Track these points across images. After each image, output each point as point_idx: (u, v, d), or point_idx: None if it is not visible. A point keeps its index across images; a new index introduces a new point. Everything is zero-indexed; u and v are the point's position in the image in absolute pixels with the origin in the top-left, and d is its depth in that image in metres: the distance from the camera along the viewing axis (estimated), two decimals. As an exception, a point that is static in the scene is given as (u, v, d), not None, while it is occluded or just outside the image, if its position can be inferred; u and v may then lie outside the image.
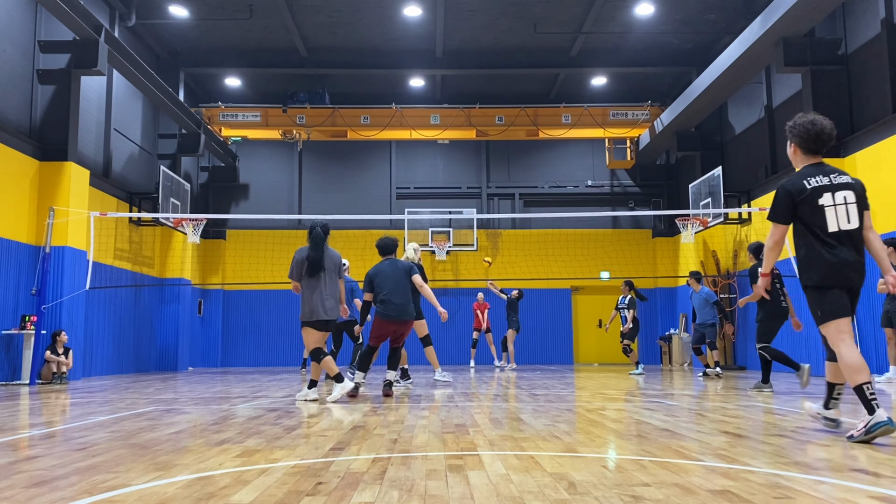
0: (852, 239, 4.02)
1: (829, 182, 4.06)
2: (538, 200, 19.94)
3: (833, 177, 4.08)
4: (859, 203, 4.05)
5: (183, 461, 3.43)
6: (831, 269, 3.99)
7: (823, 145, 4.17)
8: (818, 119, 4.14)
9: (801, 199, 4.06)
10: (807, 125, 4.14)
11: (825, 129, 4.13)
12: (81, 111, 12.92)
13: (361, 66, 17.45)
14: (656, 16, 15.22)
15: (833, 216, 4.02)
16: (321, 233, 7.03)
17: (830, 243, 4.01)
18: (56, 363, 10.89)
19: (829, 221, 4.02)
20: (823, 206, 4.02)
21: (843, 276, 4.00)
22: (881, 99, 11.21)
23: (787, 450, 3.64)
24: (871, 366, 11.09)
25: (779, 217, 4.15)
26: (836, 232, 4.01)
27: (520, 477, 2.97)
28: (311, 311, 6.92)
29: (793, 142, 4.27)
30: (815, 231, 4.06)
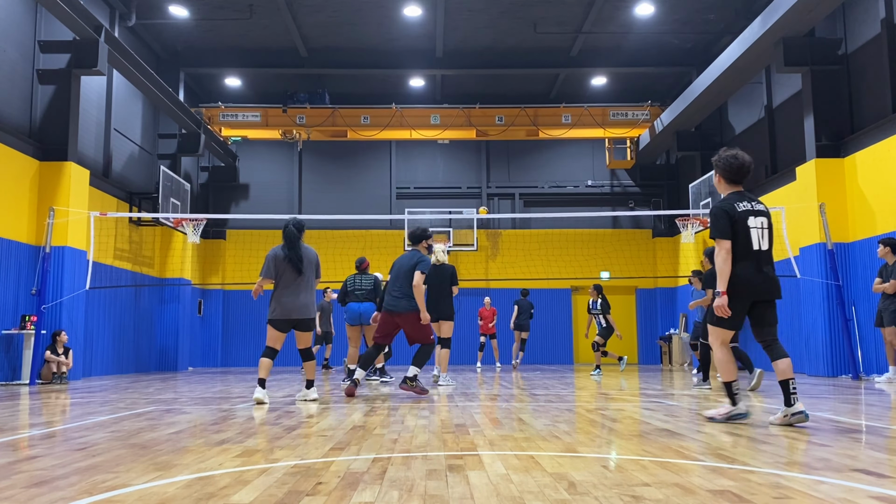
0: (767, 258, 4.63)
1: (751, 207, 4.67)
2: (538, 200, 19.94)
3: (753, 204, 4.70)
4: (770, 229, 4.68)
5: (183, 461, 3.43)
6: (749, 284, 4.56)
7: (744, 176, 4.80)
8: (740, 154, 4.78)
9: (736, 220, 4.61)
10: (730, 159, 4.77)
11: (745, 163, 4.77)
12: (81, 111, 12.93)
13: (361, 66, 17.45)
14: (656, 16, 15.23)
15: (756, 237, 4.60)
16: (294, 230, 6.80)
17: (753, 261, 4.58)
18: (56, 363, 10.89)
19: (753, 241, 4.59)
20: (750, 228, 4.60)
21: (759, 290, 4.58)
22: (881, 99, 11.21)
23: (787, 450, 3.64)
24: (870, 366, 11.10)
25: (724, 234, 4.60)
26: (757, 251, 4.59)
27: (520, 477, 2.97)
28: (282, 310, 6.67)
29: (718, 172, 4.89)
30: (740, 249, 4.59)
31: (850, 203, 11.78)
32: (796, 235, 12.47)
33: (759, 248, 4.58)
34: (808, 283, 11.95)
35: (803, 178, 12.34)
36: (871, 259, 11.25)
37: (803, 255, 12.27)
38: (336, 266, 18.20)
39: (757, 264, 4.57)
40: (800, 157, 12.79)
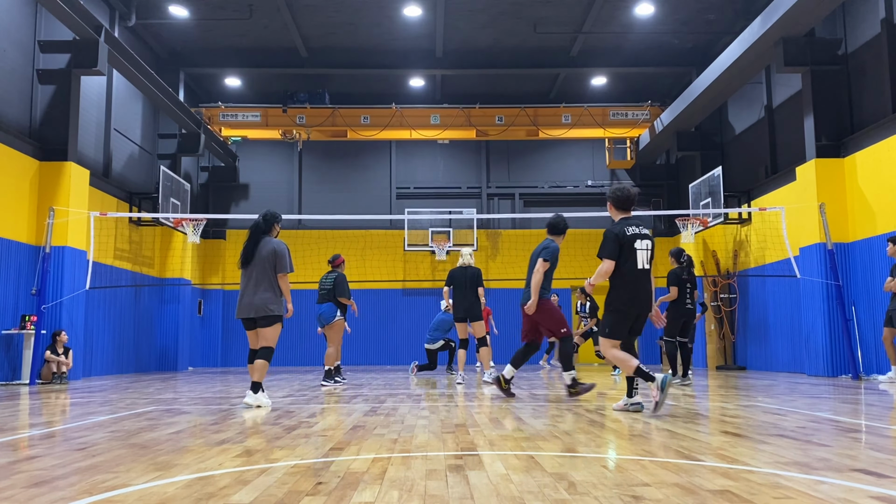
0: (647, 277, 5.43)
1: (638, 232, 5.44)
2: (538, 200, 19.94)
3: (640, 229, 5.48)
4: (651, 251, 5.47)
5: (183, 461, 3.43)
6: (634, 299, 5.37)
7: (630, 205, 5.60)
8: (626, 187, 5.63)
9: (624, 242, 5.37)
10: (618, 192, 5.59)
11: (630, 195, 5.59)
12: (81, 111, 12.92)
13: (361, 66, 17.45)
14: (656, 16, 15.23)
15: (641, 258, 5.37)
16: (260, 222, 6.66)
17: (638, 279, 5.36)
18: (56, 363, 10.89)
19: (638, 262, 5.36)
20: (636, 249, 5.37)
21: (643, 304, 5.41)
22: (881, 99, 11.21)
23: (787, 450, 3.64)
24: (870, 366, 11.10)
25: (611, 255, 5.38)
26: (641, 269, 5.38)
27: (520, 477, 2.97)
28: (238, 309, 6.57)
29: (610, 202, 5.68)
30: (628, 268, 5.35)
31: (850, 203, 11.78)
32: (796, 235, 12.47)
33: (643, 267, 5.37)
34: (808, 283, 11.95)
35: (803, 178, 12.34)
36: (870, 259, 11.25)
37: (803, 255, 12.27)
38: (336, 266, 18.20)
39: (642, 282, 5.37)
40: (800, 157, 12.79)
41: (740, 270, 15.60)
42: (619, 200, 5.57)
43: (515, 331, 16.02)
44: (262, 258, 6.51)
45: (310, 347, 18.55)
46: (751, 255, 15.09)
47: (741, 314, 15.69)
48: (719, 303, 16.19)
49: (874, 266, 11.13)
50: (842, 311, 11.27)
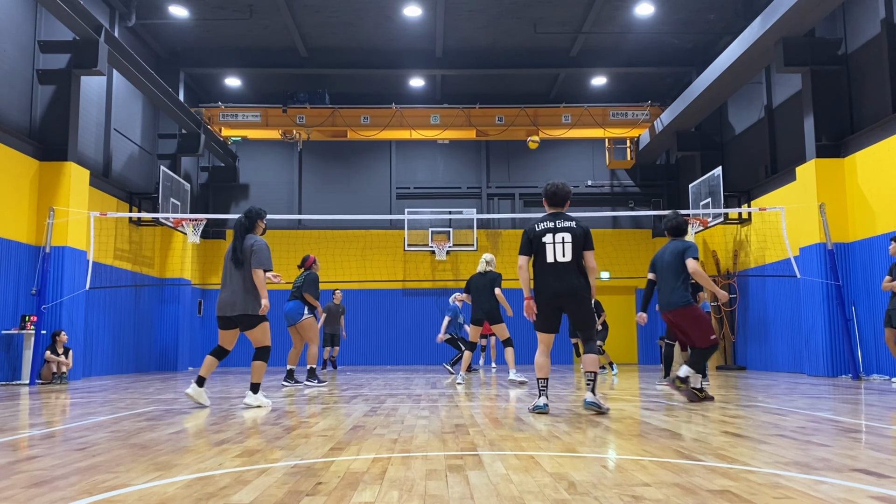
0: (566, 269, 5.38)
1: (553, 226, 5.46)
2: (538, 200, 19.92)
3: (558, 222, 5.48)
4: (575, 242, 5.39)
5: (183, 461, 3.43)
6: (547, 290, 5.40)
7: (555, 200, 5.63)
8: (553, 184, 5.67)
9: (533, 238, 5.50)
10: (547, 188, 5.68)
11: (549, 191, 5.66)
12: (81, 111, 12.93)
13: (361, 66, 17.45)
14: (656, 16, 15.23)
15: (552, 251, 5.40)
16: (242, 220, 6.51)
17: (547, 272, 5.41)
18: (56, 363, 10.89)
19: (547, 254, 5.40)
20: (545, 244, 5.43)
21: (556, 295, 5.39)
22: (881, 99, 11.21)
23: (787, 450, 3.64)
24: (870, 365, 11.09)
25: (521, 251, 5.56)
26: (552, 263, 5.39)
27: (520, 477, 2.97)
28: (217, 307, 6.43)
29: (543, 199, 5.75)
30: (538, 261, 5.47)
31: (850, 203, 11.78)
32: (796, 235, 12.47)
33: (554, 260, 5.38)
34: (808, 283, 11.95)
35: (803, 178, 12.34)
36: (870, 259, 11.25)
37: (803, 255, 12.27)
38: (336, 266, 18.20)
39: (555, 274, 5.38)
40: (800, 157, 12.79)
41: (740, 270, 15.60)
42: (546, 196, 5.69)
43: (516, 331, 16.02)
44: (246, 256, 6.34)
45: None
46: (751, 255, 15.09)
47: (741, 314, 15.68)
48: (719, 303, 16.19)
49: (874, 266, 11.13)
50: (842, 311, 11.27)
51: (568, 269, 5.37)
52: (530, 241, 5.51)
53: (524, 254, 5.52)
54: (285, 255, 18.12)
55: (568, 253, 5.37)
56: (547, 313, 5.46)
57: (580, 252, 5.42)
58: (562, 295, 5.38)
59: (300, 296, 9.37)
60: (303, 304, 9.30)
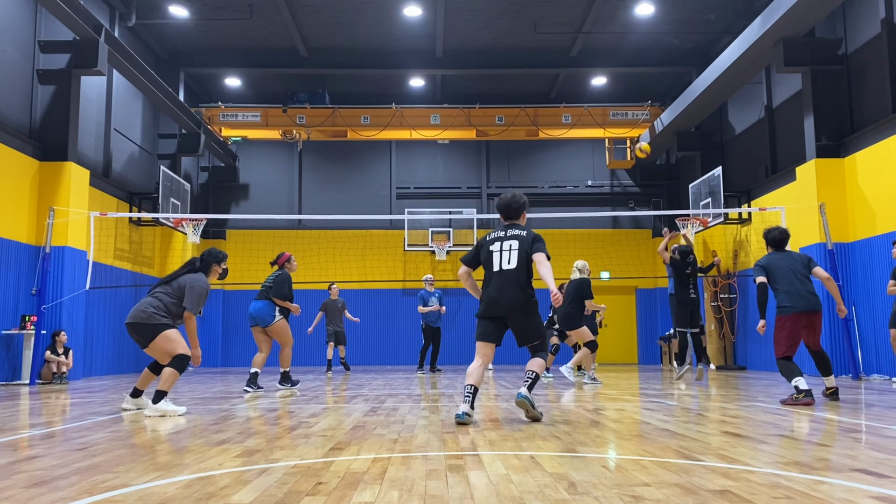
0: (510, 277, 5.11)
1: (503, 234, 5.28)
2: (538, 200, 19.91)
3: (508, 231, 5.29)
4: (521, 250, 5.14)
5: (183, 461, 3.43)
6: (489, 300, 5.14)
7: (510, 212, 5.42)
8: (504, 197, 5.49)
9: (481, 247, 5.33)
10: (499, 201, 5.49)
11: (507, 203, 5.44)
12: (81, 111, 12.93)
13: (361, 66, 17.44)
14: (656, 16, 15.22)
15: (498, 259, 5.17)
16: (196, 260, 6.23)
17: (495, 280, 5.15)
18: (56, 363, 10.89)
19: (494, 264, 5.18)
20: (491, 252, 5.22)
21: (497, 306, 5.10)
22: (881, 99, 11.21)
23: (787, 450, 3.64)
24: (869, 366, 11.09)
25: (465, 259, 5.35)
26: (498, 271, 5.14)
27: (520, 477, 2.97)
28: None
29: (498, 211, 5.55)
30: (487, 271, 5.24)
31: (850, 203, 11.78)
32: (796, 235, 12.46)
33: (500, 268, 5.15)
34: (808, 283, 11.94)
35: (803, 178, 12.34)
36: (870, 259, 11.25)
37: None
38: (336, 266, 18.20)
39: (499, 283, 5.12)
40: (800, 157, 12.79)
41: (740, 270, 15.60)
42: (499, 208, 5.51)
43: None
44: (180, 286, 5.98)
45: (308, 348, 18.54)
46: (751, 255, 15.09)
47: (741, 314, 15.68)
48: (719, 303, 16.19)
49: (874, 266, 11.13)
50: (842, 311, 11.26)
51: (511, 277, 5.08)
52: (478, 249, 5.32)
53: (466, 262, 5.32)
54: (285, 255, 18.11)
55: (513, 260, 5.11)
56: (486, 323, 5.14)
57: (527, 261, 5.13)
58: (504, 307, 5.08)
59: (266, 296, 8.58)
60: (273, 304, 8.55)
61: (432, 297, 13.77)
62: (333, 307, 13.99)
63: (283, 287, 8.62)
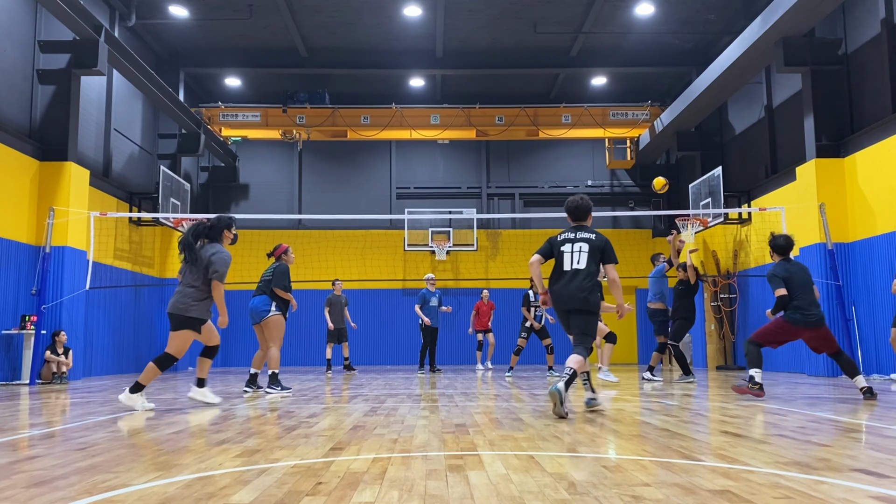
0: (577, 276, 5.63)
1: (573, 237, 5.79)
2: (538, 200, 19.93)
3: (578, 234, 5.80)
4: (592, 253, 5.68)
5: (183, 461, 3.43)
6: (557, 295, 5.69)
7: (575, 215, 5.96)
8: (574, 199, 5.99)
9: (553, 245, 5.84)
10: (569, 203, 6.00)
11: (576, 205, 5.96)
12: (81, 111, 12.92)
13: (361, 66, 17.44)
14: (656, 16, 15.22)
15: (569, 259, 5.69)
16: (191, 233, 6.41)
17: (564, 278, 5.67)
18: (56, 363, 10.89)
19: (564, 263, 5.70)
20: (563, 252, 5.75)
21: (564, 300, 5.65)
22: (881, 99, 11.21)
23: (787, 450, 3.64)
24: (869, 365, 11.09)
25: (540, 251, 5.88)
26: (568, 270, 5.67)
27: (520, 477, 2.97)
28: None
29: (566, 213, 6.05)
30: (557, 268, 5.77)
31: (850, 203, 11.78)
32: (796, 235, 12.40)
33: (570, 268, 5.66)
34: (808, 283, 11.94)
35: (803, 178, 12.34)
36: (870, 259, 11.25)
37: (803, 255, 12.26)
38: (336, 266, 18.20)
39: (567, 281, 5.64)
40: (800, 157, 12.79)
41: (740, 270, 15.60)
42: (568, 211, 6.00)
43: (518, 330, 15.86)
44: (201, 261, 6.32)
45: (309, 347, 18.55)
46: (751, 255, 15.09)
47: (741, 314, 15.68)
48: (719, 303, 16.19)
49: (874, 266, 11.13)
50: (842, 311, 11.26)
51: (579, 276, 5.62)
52: (551, 246, 5.85)
53: (541, 253, 5.84)
54: (285, 255, 18.11)
55: (583, 261, 5.65)
56: (561, 317, 5.76)
57: (596, 263, 5.69)
58: (569, 301, 5.61)
59: (269, 290, 8.43)
60: (270, 299, 8.37)
61: (433, 297, 13.77)
62: (339, 303, 13.93)
63: (283, 278, 8.44)
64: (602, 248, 5.70)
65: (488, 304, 14.93)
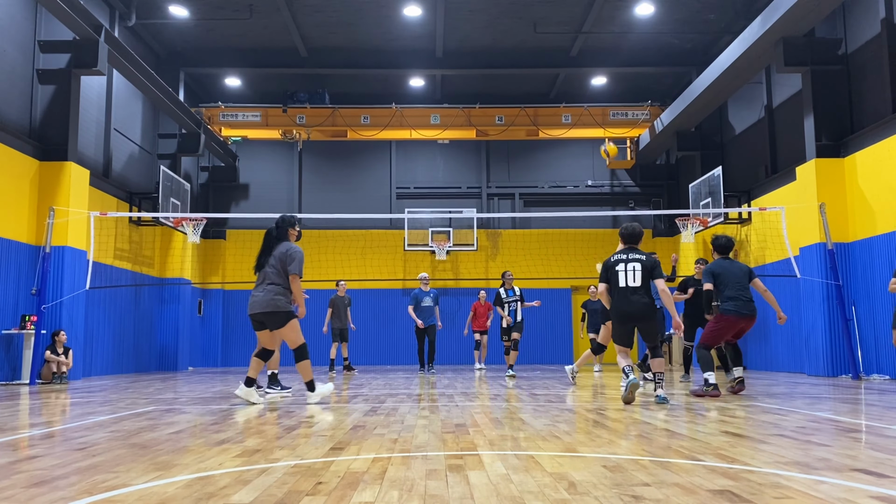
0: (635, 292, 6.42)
1: (625, 258, 6.56)
2: (538, 200, 19.94)
3: (629, 255, 6.57)
4: (644, 271, 6.45)
5: (183, 461, 3.43)
6: (616, 311, 6.50)
7: (629, 240, 6.70)
8: (629, 225, 6.74)
9: (607, 267, 6.64)
10: (621, 230, 6.76)
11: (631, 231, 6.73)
12: (81, 111, 12.92)
13: (361, 66, 17.44)
14: (656, 16, 15.22)
15: (623, 277, 6.48)
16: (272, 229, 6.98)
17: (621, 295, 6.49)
18: (56, 363, 10.89)
19: (620, 280, 6.49)
20: (617, 272, 6.52)
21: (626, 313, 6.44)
22: (881, 99, 11.21)
23: (787, 450, 3.64)
24: (870, 365, 11.09)
25: (602, 278, 6.70)
26: (624, 287, 6.47)
27: (520, 477, 2.97)
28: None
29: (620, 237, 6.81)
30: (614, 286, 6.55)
31: (850, 203, 11.78)
32: (796, 235, 12.47)
33: (625, 284, 6.44)
34: (808, 283, 11.95)
35: (803, 178, 12.34)
36: (870, 259, 11.25)
37: (803, 255, 12.26)
38: (336, 266, 18.21)
39: (625, 296, 6.44)
40: (800, 157, 12.79)
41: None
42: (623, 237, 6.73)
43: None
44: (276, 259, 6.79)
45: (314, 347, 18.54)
46: (751, 255, 15.09)
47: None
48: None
49: (874, 266, 11.13)
50: (842, 311, 11.26)
51: (636, 292, 6.41)
52: (606, 269, 6.61)
53: (602, 281, 6.68)
54: (285, 255, 18.10)
55: (638, 279, 6.42)
56: (621, 330, 6.50)
57: (648, 279, 6.45)
58: (632, 315, 6.42)
59: None
60: None
61: (427, 297, 13.71)
62: (340, 303, 13.92)
63: None
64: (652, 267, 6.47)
65: (485, 304, 14.79)
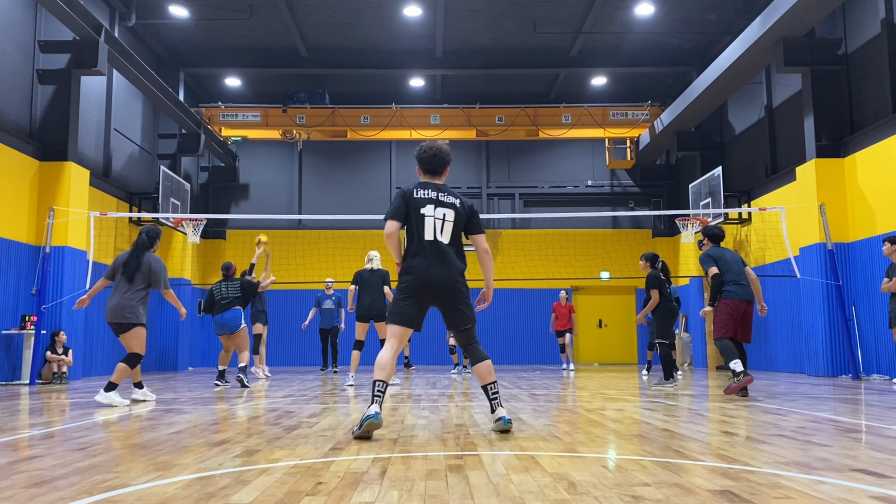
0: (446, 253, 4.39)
1: (435, 197, 4.45)
2: (538, 200, 19.93)
3: (441, 195, 4.48)
4: (457, 223, 4.45)
5: (183, 461, 3.43)
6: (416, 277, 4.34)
7: (437, 167, 4.63)
8: (434, 144, 4.67)
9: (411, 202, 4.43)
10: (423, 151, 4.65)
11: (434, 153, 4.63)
12: (81, 111, 12.92)
13: (361, 66, 17.45)
14: (656, 16, 15.22)
15: (431, 227, 4.38)
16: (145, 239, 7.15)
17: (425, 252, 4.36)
18: (57, 363, 10.89)
19: (426, 230, 4.37)
20: (424, 216, 4.39)
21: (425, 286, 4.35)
22: (881, 99, 11.21)
23: (787, 450, 3.64)
24: (870, 365, 11.09)
25: (394, 215, 4.40)
26: (431, 241, 4.37)
27: (520, 477, 2.97)
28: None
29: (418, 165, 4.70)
30: (414, 237, 4.41)
31: (850, 203, 11.78)
32: (796, 235, 12.47)
33: (434, 238, 4.39)
34: (808, 283, 11.95)
35: (803, 178, 12.34)
36: (870, 259, 11.25)
37: (803, 255, 12.27)
38: (336, 266, 18.19)
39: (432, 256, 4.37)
40: (800, 157, 12.79)
41: (740, 270, 15.59)
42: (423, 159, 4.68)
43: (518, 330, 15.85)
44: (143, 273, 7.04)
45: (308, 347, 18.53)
46: (751, 255, 15.09)
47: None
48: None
49: (874, 266, 11.12)
50: (842, 311, 11.26)
51: (447, 253, 4.40)
52: (406, 203, 4.44)
53: (396, 219, 4.40)
54: (285, 254, 18.13)
55: (447, 234, 4.42)
56: (411, 303, 4.36)
57: (459, 235, 4.50)
58: (439, 285, 4.37)
59: (242, 304, 9.73)
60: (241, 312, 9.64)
61: (328, 300, 14.29)
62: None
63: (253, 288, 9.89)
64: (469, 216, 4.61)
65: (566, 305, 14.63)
